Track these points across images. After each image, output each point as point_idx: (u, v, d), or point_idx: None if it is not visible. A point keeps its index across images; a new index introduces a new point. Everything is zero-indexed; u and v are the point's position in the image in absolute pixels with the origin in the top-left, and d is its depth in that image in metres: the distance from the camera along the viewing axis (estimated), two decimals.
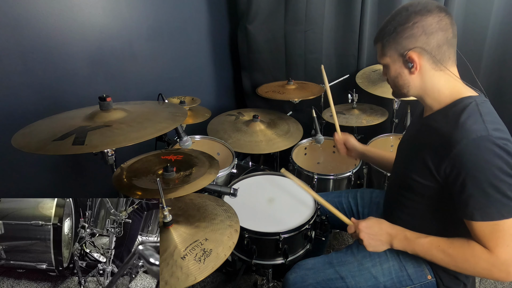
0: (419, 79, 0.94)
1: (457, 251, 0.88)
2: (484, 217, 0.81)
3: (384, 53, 0.96)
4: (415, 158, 0.96)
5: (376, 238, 1.00)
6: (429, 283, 1.03)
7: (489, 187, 0.79)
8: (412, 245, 0.95)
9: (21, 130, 1.01)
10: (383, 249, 1.01)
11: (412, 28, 0.88)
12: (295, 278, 1.10)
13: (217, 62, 2.46)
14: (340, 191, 1.47)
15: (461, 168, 0.82)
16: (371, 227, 1.01)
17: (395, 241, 0.98)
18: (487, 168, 0.79)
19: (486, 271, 0.84)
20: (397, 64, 0.94)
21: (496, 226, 0.81)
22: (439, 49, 0.89)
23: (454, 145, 0.82)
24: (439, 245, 0.90)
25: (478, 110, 0.85)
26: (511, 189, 0.79)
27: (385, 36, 0.94)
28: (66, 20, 1.46)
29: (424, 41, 0.88)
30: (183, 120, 1.17)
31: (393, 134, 2.02)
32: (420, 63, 0.91)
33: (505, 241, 0.81)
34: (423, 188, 0.95)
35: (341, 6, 2.14)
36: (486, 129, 0.81)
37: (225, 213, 1.10)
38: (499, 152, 0.79)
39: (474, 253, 0.84)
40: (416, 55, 0.90)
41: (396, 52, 0.93)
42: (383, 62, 0.98)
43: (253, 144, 1.80)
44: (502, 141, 0.80)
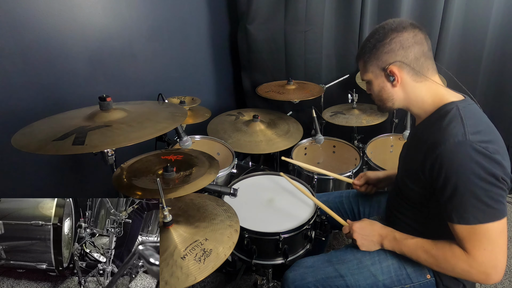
0: (401, 91, 0.98)
1: (439, 252, 0.92)
2: (461, 221, 0.85)
3: (366, 69, 1.01)
4: (408, 165, 1.01)
5: (368, 238, 1.06)
6: (428, 282, 1.03)
7: (465, 192, 0.82)
8: (399, 246, 1.00)
9: (21, 130, 1.01)
10: (375, 249, 1.07)
11: (390, 43, 0.94)
12: (294, 276, 1.11)
13: (217, 62, 2.46)
14: (341, 191, 1.48)
15: (442, 171, 0.85)
16: (364, 228, 1.08)
17: (385, 242, 1.04)
18: (463, 173, 0.82)
19: (465, 272, 0.87)
20: (380, 78, 0.99)
21: (472, 229, 0.84)
22: (417, 61, 0.94)
23: (436, 149, 0.85)
24: (423, 246, 0.95)
25: (459, 114, 0.88)
26: (488, 195, 0.81)
27: (366, 53, 0.99)
28: (66, 20, 1.46)
29: (402, 54, 0.93)
30: (183, 120, 1.17)
31: (393, 134, 2.02)
32: (401, 76, 0.95)
33: (482, 245, 0.83)
34: (415, 195, 0.99)
35: (341, 6, 2.14)
36: (465, 133, 0.83)
37: (225, 213, 1.10)
38: (476, 157, 0.81)
39: (454, 254, 0.88)
40: (396, 69, 0.95)
41: (378, 68, 0.98)
42: (366, 78, 1.03)
43: (253, 144, 1.80)
44: (481, 144, 0.82)
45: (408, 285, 1.04)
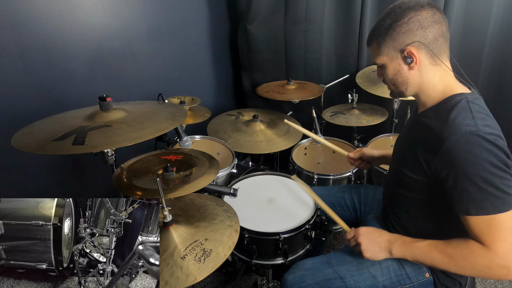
0: (417, 75, 0.94)
1: (455, 249, 0.86)
2: (479, 211, 0.80)
3: (380, 52, 0.96)
4: (408, 153, 0.97)
5: (375, 242, 0.99)
6: (427, 280, 1.03)
7: (482, 181, 0.79)
8: (411, 249, 0.94)
9: (21, 130, 1.01)
10: (381, 257, 0.99)
11: (408, 23, 0.89)
12: (293, 279, 1.10)
13: (217, 62, 2.46)
14: (343, 186, 1.46)
15: (453, 164, 0.82)
16: (371, 232, 1.02)
17: (394, 247, 0.97)
18: (477, 162, 0.79)
19: (486, 268, 0.82)
20: (395, 61, 0.94)
21: (491, 220, 0.80)
22: (436, 42, 0.90)
23: (443, 141, 0.83)
24: (437, 246, 0.90)
25: (468, 107, 0.86)
26: (504, 182, 0.79)
27: (380, 35, 0.94)
28: (66, 20, 1.46)
29: (421, 34, 0.89)
30: (183, 120, 1.17)
31: (393, 134, 2.02)
32: (419, 58, 0.91)
33: (502, 236, 0.79)
34: (415, 184, 0.95)
35: (341, 6, 2.14)
36: (476, 124, 0.81)
37: (225, 213, 1.10)
38: (488, 146, 0.79)
39: (472, 250, 0.83)
40: (415, 50, 0.90)
41: (394, 49, 0.93)
42: (380, 62, 0.98)
43: (253, 144, 1.80)
44: (492, 136, 0.80)
45: (408, 285, 1.03)
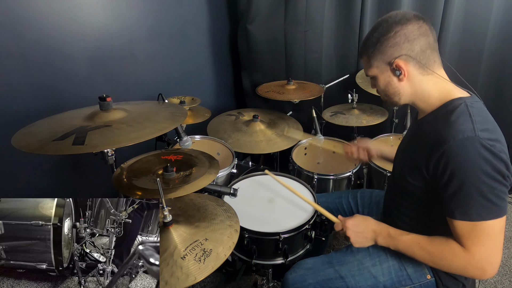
0: (408, 86, 0.96)
1: (435, 248, 0.92)
2: (464, 217, 0.84)
3: (370, 64, 0.99)
4: (409, 159, 0.99)
5: (362, 235, 1.05)
6: (429, 282, 1.03)
7: (472, 188, 0.81)
8: (394, 242, 1.00)
9: (21, 130, 1.01)
10: (368, 245, 1.06)
11: (394, 37, 0.91)
12: (294, 278, 1.11)
13: (217, 62, 2.46)
14: (340, 192, 1.48)
15: (447, 166, 0.83)
16: (357, 225, 1.06)
17: (379, 238, 1.03)
18: (471, 169, 0.81)
19: (461, 268, 0.88)
20: (385, 73, 0.97)
21: (474, 226, 0.84)
22: (423, 54, 0.92)
23: (442, 144, 0.84)
24: (419, 242, 0.95)
25: (467, 111, 0.87)
26: (493, 192, 0.81)
27: (370, 48, 0.97)
28: (66, 20, 1.46)
29: (408, 48, 0.91)
30: (183, 120, 1.17)
31: (393, 134, 2.02)
32: (408, 70, 0.93)
33: (481, 241, 0.84)
34: (415, 190, 0.98)
35: (341, 6, 2.14)
36: (474, 129, 0.82)
37: (225, 213, 1.10)
38: (484, 154, 0.80)
39: (452, 250, 0.88)
40: (403, 62, 0.92)
41: (383, 62, 0.96)
42: (371, 74, 1.01)
43: (253, 144, 1.80)
44: (489, 142, 0.81)
45: (409, 286, 1.04)
